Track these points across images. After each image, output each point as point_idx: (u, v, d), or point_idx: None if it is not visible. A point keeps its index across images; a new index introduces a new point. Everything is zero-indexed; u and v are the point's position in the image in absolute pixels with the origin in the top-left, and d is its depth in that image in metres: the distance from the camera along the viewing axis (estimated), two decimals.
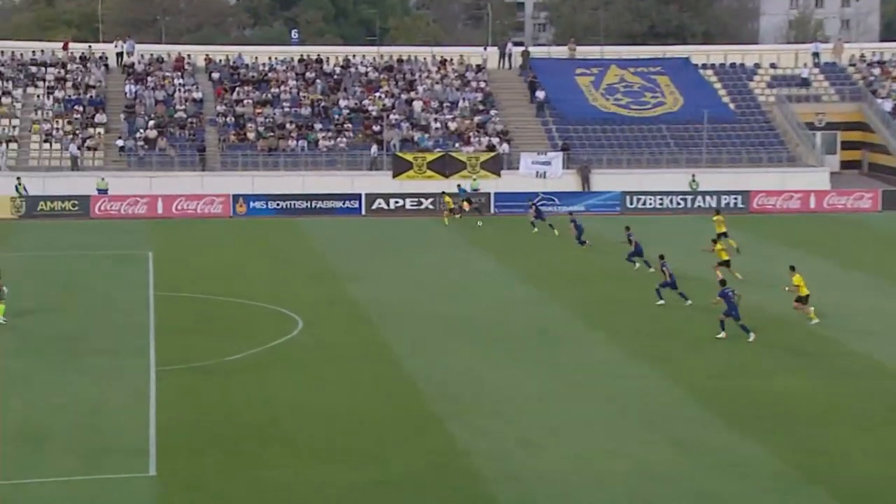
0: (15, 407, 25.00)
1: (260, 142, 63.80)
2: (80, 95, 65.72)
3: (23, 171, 59.64)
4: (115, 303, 36.22)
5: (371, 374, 28.03)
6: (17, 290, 37.99)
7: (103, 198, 57.54)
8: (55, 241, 48.96)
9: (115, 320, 33.70)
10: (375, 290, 38.44)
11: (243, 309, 35.72)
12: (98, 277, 40.75)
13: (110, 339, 31.28)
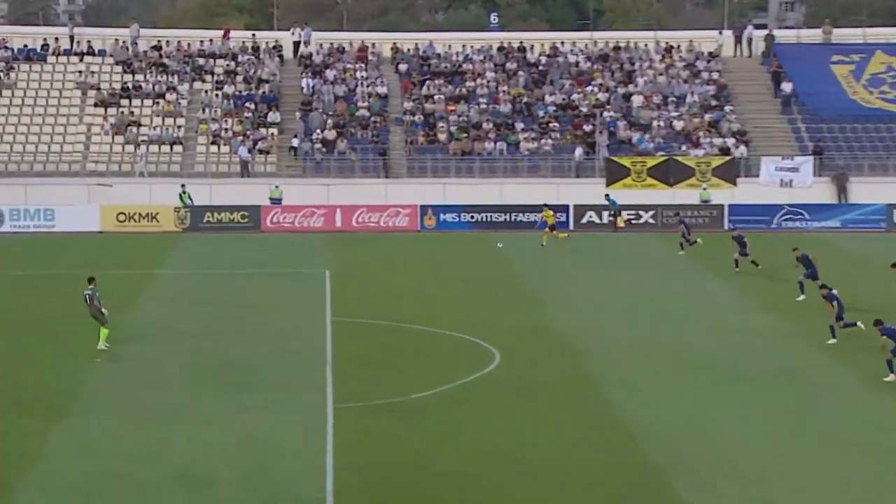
0: (177, 446, 25.72)
1: (452, 144, 64.38)
2: (252, 91, 67.74)
3: (187, 177, 61.83)
4: (287, 329, 36.98)
5: (579, 416, 27.75)
6: (179, 312, 39.25)
7: (276, 208, 59.07)
8: (222, 258, 50.45)
9: (288, 349, 34.37)
10: (583, 318, 38.14)
11: (432, 338, 35.90)
12: (269, 299, 41.72)
13: (282, 371, 31.90)
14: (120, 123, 64.88)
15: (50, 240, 55.17)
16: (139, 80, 67.95)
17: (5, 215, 57.00)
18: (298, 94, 68.32)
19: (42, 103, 66.14)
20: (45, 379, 30.67)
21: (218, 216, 58.68)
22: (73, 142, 64.15)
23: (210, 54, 70.49)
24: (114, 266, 47.55)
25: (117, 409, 28.13)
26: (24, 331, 36.02)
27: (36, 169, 62.33)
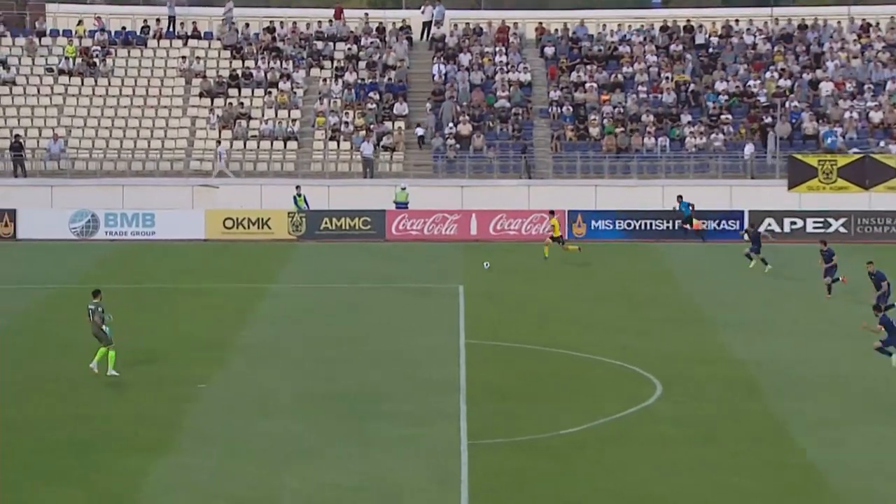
0: (291, 485, 26.13)
1: (605, 139, 64.29)
2: (376, 79, 68.48)
3: (303, 178, 62.73)
4: (415, 353, 37.28)
5: (761, 462, 27.48)
6: (292, 333, 39.81)
7: (402, 213, 59.60)
8: (342, 270, 51.05)
9: (415, 376, 34.65)
10: (764, 344, 37.80)
11: (581, 366, 35.88)
12: (394, 318, 42.08)
13: (409, 401, 32.15)
14: (228, 116, 66.11)
15: (149, 248, 56.38)
16: (249, 67, 69.16)
17: (100, 220, 58.43)
18: (429, 83, 68.88)
19: (141, 93, 67.67)
20: (148, 408, 31.40)
21: (337, 222, 59.43)
22: (176, 137, 65.54)
23: (329, 37, 71.42)
24: (219, 279, 48.47)
25: (225, 444, 28.66)
26: (123, 354, 36.82)
27: (134, 168, 63.82)
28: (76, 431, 29.38)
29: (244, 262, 52.97)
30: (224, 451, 28.09)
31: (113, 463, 27.22)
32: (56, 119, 65.90)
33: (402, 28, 72.26)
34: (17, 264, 52.00)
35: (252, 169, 64.34)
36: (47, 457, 27.52)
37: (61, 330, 40.01)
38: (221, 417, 30.75)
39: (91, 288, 35.39)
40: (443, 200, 60.92)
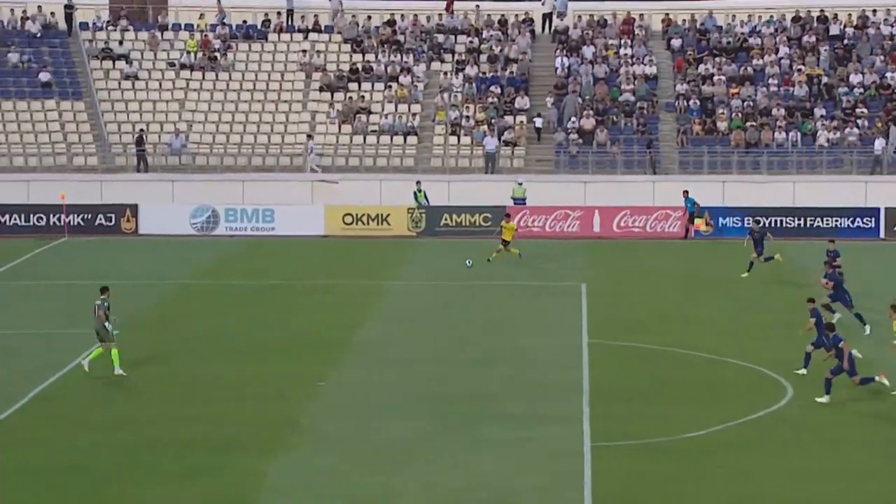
0: (408, 486, 26.09)
1: (734, 134, 63.54)
2: (498, 72, 68.33)
3: (423, 173, 62.76)
4: (536, 353, 37.11)
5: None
6: (410, 332, 39.82)
7: (523, 210, 59.35)
8: (462, 268, 50.94)
9: (536, 376, 34.49)
10: None
11: (707, 367, 35.57)
12: (515, 317, 41.94)
13: (529, 402, 32.01)
14: (348, 111, 66.38)
15: (269, 244, 56.75)
16: (370, 61, 69.37)
17: (221, 216, 58.93)
18: (551, 76, 68.59)
19: (261, 88, 68.14)
20: (266, 408, 31.54)
21: (457, 218, 59.37)
22: (296, 132, 65.90)
23: (450, 30, 71.40)
24: (338, 276, 48.65)
25: (341, 445, 28.71)
26: (241, 353, 37.10)
27: (254, 163, 64.29)
28: (196, 431, 29.63)
29: (363, 258, 53.11)
30: (340, 453, 28.14)
31: (232, 463, 27.38)
32: (177, 114, 66.61)
33: (525, 20, 72.00)
34: (138, 260, 52.61)
35: (371, 164, 64.49)
36: (167, 456, 27.75)
37: (182, 327, 40.40)
38: (339, 417, 30.83)
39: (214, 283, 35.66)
40: (565, 196, 60.59)
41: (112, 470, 26.89)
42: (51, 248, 54.83)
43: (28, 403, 31.94)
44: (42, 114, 65.68)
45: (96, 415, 31.04)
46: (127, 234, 58.27)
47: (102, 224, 58.37)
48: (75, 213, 57.96)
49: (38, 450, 28.27)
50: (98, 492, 25.63)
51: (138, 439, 28.98)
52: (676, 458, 27.82)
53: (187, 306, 43.79)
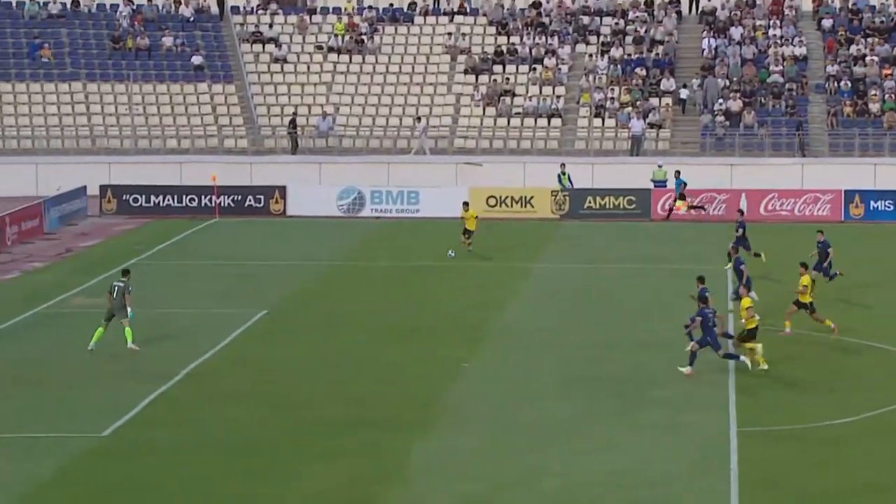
0: (552, 468, 26.30)
1: (887, 116, 62.64)
2: (643, 54, 68.02)
3: (567, 155, 62.78)
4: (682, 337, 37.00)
5: None
6: (555, 314, 39.97)
7: (669, 192, 59.05)
8: (606, 250, 50.96)
9: (676, 360, 34.44)
10: None
11: (859, 353, 35.29)
12: (660, 300, 41.85)
13: (675, 387, 32.03)
14: (492, 93, 66.58)
15: (414, 225, 57.22)
16: (514, 44, 69.46)
17: (366, 198, 59.50)
18: (697, 58, 68.14)
19: (407, 70, 68.64)
20: (412, 387, 31.98)
21: (601, 201, 59.25)
22: (441, 114, 66.32)
23: (596, 12, 71.21)
24: (483, 258, 48.85)
25: (487, 426, 29.02)
26: (387, 334, 37.55)
27: (399, 146, 64.82)
28: (344, 410, 30.17)
29: (507, 240, 53.28)
30: (485, 434, 28.44)
31: (378, 441, 27.84)
32: (325, 96, 67.39)
33: (671, 1, 71.54)
34: (287, 241, 53.37)
35: (515, 147, 64.68)
36: (317, 435, 28.32)
37: (328, 308, 40.98)
38: (484, 398, 31.13)
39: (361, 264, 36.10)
40: (711, 179, 60.14)
41: (275, 447, 27.51)
42: (202, 229, 55.84)
43: (183, 380, 32.71)
44: (194, 96, 66.91)
45: (249, 392, 31.70)
46: (275, 215, 59.06)
47: (252, 205, 59.25)
48: (226, 194, 58.91)
49: (198, 426, 29.01)
50: (265, 468, 26.25)
51: (292, 417, 29.58)
52: (822, 445, 27.72)
53: (334, 287, 44.38)
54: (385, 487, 25.18)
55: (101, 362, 34.06)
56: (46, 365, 33.85)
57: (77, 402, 30.86)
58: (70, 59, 67.63)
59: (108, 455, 27.19)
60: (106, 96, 66.45)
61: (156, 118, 65.81)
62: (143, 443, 27.86)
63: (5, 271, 46.33)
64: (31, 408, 30.36)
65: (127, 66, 67.59)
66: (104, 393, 31.51)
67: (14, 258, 48.94)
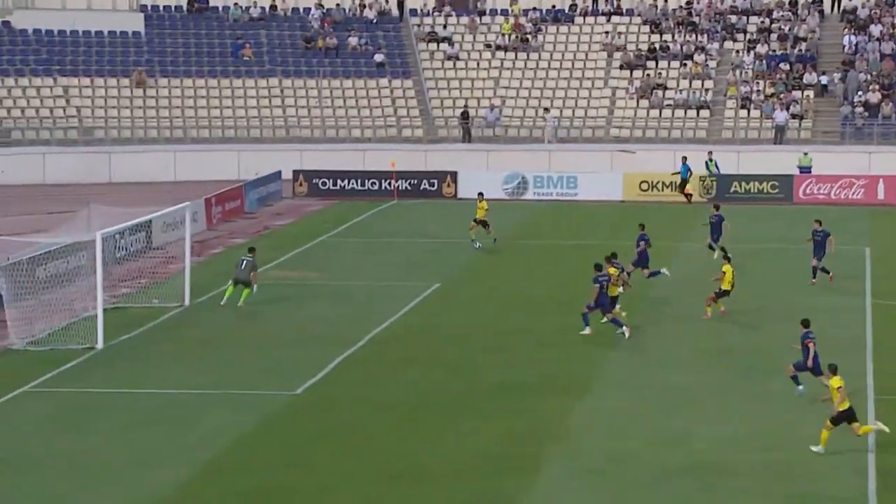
0: (697, 433, 26.31)
1: None
2: (787, 50, 67.03)
3: (714, 143, 62.25)
4: (817, 312, 36.53)
5: None
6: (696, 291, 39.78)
7: (810, 178, 58.26)
8: (749, 232, 50.40)
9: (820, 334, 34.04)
10: None
11: None
12: (800, 279, 41.36)
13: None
14: (645, 87, 66.23)
15: (572, 207, 57.23)
16: (666, 41, 68.95)
17: (529, 182, 59.66)
18: (838, 53, 66.95)
19: (567, 66, 68.61)
20: (568, 355, 32.19)
21: (746, 186, 58.61)
22: (598, 106, 66.16)
23: (743, 11, 70.35)
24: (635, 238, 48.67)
25: (635, 393, 29.14)
26: (546, 306, 37.74)
27: (559, 135, 64.83)
28: (508, 374, 30.55)
29: (657, 222, 52.95)
30: (634, 399, 28.55)
31: (540, 403, 28.13)
32: (493, 90, 67.64)
33: (814, 1, 70.37)
34: (457, 221, 53.68)
35: (666, 136, 64.29)
36: (483, 396, 28.72)
37: (497, 281, 41.27)
38: (631, 369, 31.24)
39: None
40: (849, 166, 59.17)
41: (447, 407, 28.01)
42: (382, 210, 56.55)
43: (365, 345, 33.31)
44: (376, 91, 67.67)
45: (424, 357, 32.19)
46: (447, 197, 59.53)
47: (426, 189, 59.77)
48: (403, 178, 59.56)
49: (380, 386, 29.57)
50: (438, 425, 26.78)
51: (456, 381, 30.02)
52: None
53: (499, 263, 44.64)
54: (545, 444, 25.46)
55: (292, 328, 34.84)
56: (247, 330, 34.75)
57: (276, 363, 31.62)
58: (268, 58, 68.87)
59: (302, 410, 27.85)
60: (298, 91, 67.56)
61: (342, 110, 66.72)
62: (333, 399, 28.48)
63: (212, 247, 47.52)
64: (232, 368, 31.18)
65: (317, 63, 68.62)
66: (296, 355, 32.24)
67: (219, 235, 50.17)
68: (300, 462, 24.53)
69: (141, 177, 61.74)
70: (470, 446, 25.30)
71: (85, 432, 26.22)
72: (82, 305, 35.43)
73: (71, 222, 40.17)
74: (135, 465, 24.18)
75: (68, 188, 59.09)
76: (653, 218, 53.31)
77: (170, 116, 65.62)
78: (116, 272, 39.81)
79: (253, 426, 26.62)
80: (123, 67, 67.48)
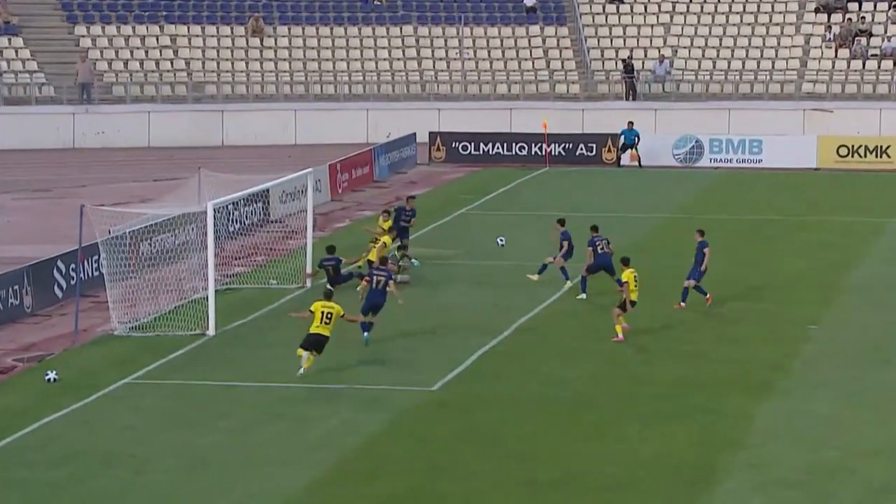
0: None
1: None
2: None
3: None
4: None
5: None
6: None
7: None
8: None
9: None
10: None
11: None
12: None
13: None
14: (846, 33, 65.17)
15: (756, 177, 56.63)
16: None
17: (705, 146, 59.11)
18: None
19: (752, 9, 67.78)
20: (755, 349, 31.92)
21: None
22: (788, 57, 65.33)
23: None
24: (832, 212, 48.11)
25: (837, 390, 28.73)
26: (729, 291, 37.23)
27: (741, 91, 64.17)
28: (682, 369, 30.26)
29: (860, 194, 52.29)
30: (836, 398, 28.14)
31: (719, 403, 27.88)
32: (662, 38, 67.15)
33: None
34: (618, 192, 53.55)
35: (871, 91, 63.24)
36: (651, 394, 28.53)
37: (666, 263, 40.80)
38: (833, 362, 30.77)
39: None
40: None
41: (607, 405, 27.94)
42: (532, 178, 56.50)
43: (512, 335, 33.33)
44: (526, 39, 67.63)
45: (579, 348, 32.12)
46: (607, 164, 59.26)
47: (583, 154, 59.60)
48: (556, 142, 59.43)
49: (528, 381, 29.62)
50: (596, 427, 26.73)
51: (623, 376, 29.87)
52: None
53: (668, 241, 43.92)
54: (727, 452, 25.21)
55: (431, 316, 34.94)
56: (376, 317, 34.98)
57: (407, 355, 31.79)
58: (402, 3, 69.18)
59: (438, 408, 27.98)
60: (437, 40, 67.80)
61: (486, 62, 66.79)
62: (474, 397, 28.56)
63: (337, 220, 47.86)
64: (359, 360, 31.39)
65: (458, 8, 68.75)
66: (432, 347, 32.36)
67: (345, 206, 50.54)
68: (439, 466, 24.63)
69: (257, 139, 62.54)
70: (638, 453, 25.14)
71: (198, 429, 26.62)
72: (191, 286, 35.93)
73: (179, 191, 40.80)
74: (256, 466, 24.47)
75: (176, 152, 60.03)
76: (855, 190, 52.63)
77: (290, 70, 66.31)
78: (230, 248, 40.30)
79: (383, 425, 26.80)
80: (238, 14, 68.36)
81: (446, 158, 60.01)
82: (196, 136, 62.27)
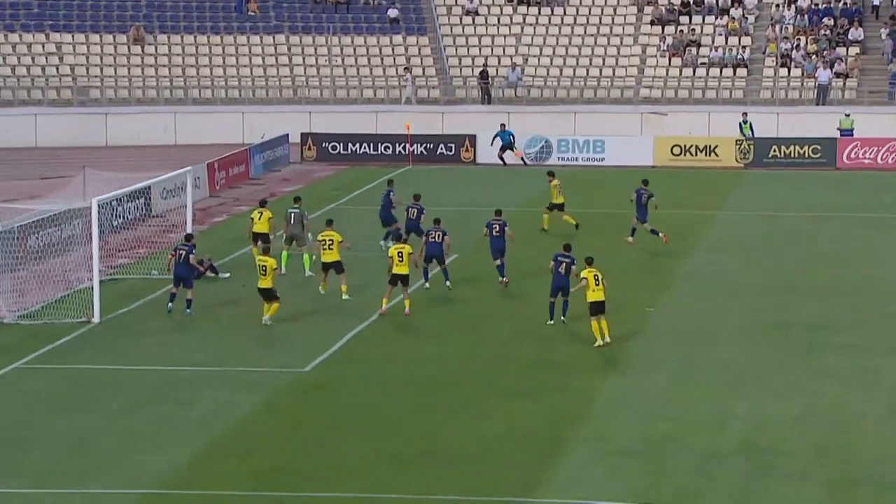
0: (736, 411, 26.22)
1: None
2: (831, 4, 66.57)
3: (751, 104, 62.03)
4: (870, 283, 36.48)
5: None
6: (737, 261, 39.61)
7: (854, 141, 57.94)
8: (790, 199, 50.21)
9: (870, 307, 33.95)
10: None
11: None
12: (845, 249, 41.20)
13: (861, 332, 31.62)
14: (678, 43, 65.89)
15: (599, 173, 57.03)
16: None
17: (553, 146, 59.43)
18: (886, 7, 66.45)
19: (594, 22, 68.20)
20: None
21: (786, 150, 58.31)
22: (627, 65, 65.89)
23: None
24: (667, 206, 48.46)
25: (672, 368, 29.00)
26: None
27: (586, 95, 64.60)
28: (535, 350, 30.37)
29: (692, 188, 52.85)
30: (671, 376, 28.43)
31: (565, 382, 28.02)
32: (514, 48, 67.33)
33: None
34: (475, 188, 53.64)
35: (700, 96, 64.00)
36: (509, 373, 28.65)
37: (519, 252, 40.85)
38: (668, 342, 31.06)
39: None
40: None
41: (469, 384, 27.96)
42: (396, 176, 56.33)
43: (379, 319, 33.20)
44: (390, 48, 67.45)
45: (445, 331, 32.11)
46: (465, 162, 59.37)
47: (443, 153, 59.64)
48: (419, 142, 59.39)
49: (395, 363, 29.57)
50: (458, 404, 26.82)
51: (485, 355, 29.93)
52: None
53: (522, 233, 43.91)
54: (574, 426, 25.36)
55: (301, 301, 34.71)
56: (251, 304, 34.64)
57: (278, 338, 31.56)
58: (274, 13, 68.65)
59: (311, 388, 27.80)
60: (307, 48, 67.40)
61: (353, 69, 66.51)
62: (344, 378, 28.42)
63: (214, 214, 47.46)
64: (236, 344, 31.11)
65: (327, 19, 68.41)
66: (304, 330, 32.17)
67: (223, 202, 50.13)
68: (311, 443, 24.48)
69: (139, 140, 61.72)
70: (494, 427, 25.20)
71: (83, 411, 26.23)
72: (77, 277, 35.40)
73: (65, 188, 40.17)
74: (138, 446, 24.18)
75: (62, 152, 59.07)
76: (686, 185, 53.26)
77: (170, 75, 65.53)
78: (114, 241, 39.76)
79: (258, 405, 26.59)
80: (120, 23, 67.37)
81: (317, 157, 59.67)
82: (81, 137, 61.30)
